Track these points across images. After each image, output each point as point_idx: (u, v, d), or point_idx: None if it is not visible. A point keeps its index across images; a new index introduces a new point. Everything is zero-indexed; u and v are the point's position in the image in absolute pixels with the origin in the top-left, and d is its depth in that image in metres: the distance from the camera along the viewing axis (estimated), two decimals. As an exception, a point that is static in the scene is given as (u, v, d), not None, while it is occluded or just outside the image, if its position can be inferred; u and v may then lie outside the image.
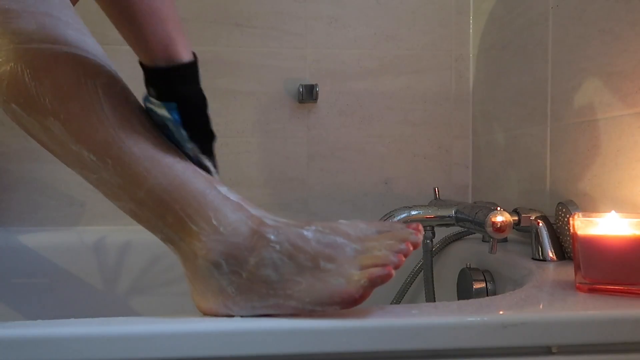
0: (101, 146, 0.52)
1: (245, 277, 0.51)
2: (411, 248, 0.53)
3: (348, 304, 0.50)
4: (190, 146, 0.56)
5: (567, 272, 0.71)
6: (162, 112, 0.55)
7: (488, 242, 0.84)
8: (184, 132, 0.56)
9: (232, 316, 0.51)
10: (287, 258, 0.51)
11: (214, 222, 0.52)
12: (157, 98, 0.55)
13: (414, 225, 0.56)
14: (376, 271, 0.50)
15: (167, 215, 0.53)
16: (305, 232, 0.53)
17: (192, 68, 0.56)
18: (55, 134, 0.53)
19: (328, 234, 0.53)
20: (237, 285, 0.51)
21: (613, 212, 0.60)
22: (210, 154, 0.58)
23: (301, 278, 0.50)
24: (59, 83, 0.53)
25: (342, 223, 0.55)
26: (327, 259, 0.51)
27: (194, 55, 0.57)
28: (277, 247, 0.52)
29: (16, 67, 0.53)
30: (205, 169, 0.57)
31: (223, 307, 0.51)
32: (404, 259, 0.51)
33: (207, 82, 1.16)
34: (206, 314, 0.53)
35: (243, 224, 0.53)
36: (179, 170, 0.54)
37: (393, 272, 0.50)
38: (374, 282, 0.49)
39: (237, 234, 0.52)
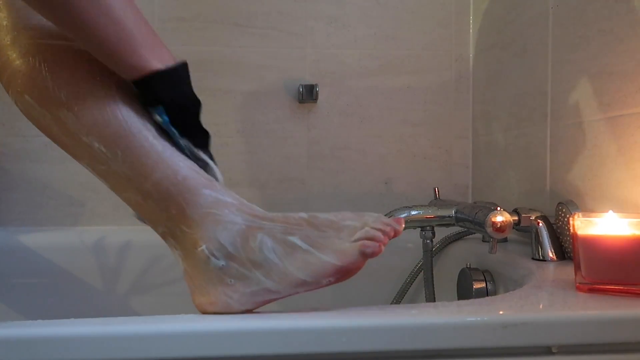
0: (113, 138, 0.55)
1: (243, 263, 0.53)
2: (398, 226, 0.56)
3: (342, 275, 0.53)
4: (183, 143, 0.59)
5: (567, 272, 0.71)
6: (154, 115, 0.58)
7: (488, 242, 0.84)
8: (174, 130, 0.58)
9: (232, 307, 0.52)
10: (281, 239, 0.54)
11: (215, 213, 0.55)
12: (144, 104, 0.58)
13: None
14: (367, 243, 0.53)
15: (171, 207, 0.55)
16: (299, 215, 0.56)
17: (170, 74, 0.57)
18: (67, 126, 0.55)
19: (319, 217, 0.57)
20: (235, 272, 0.53)
21: (612, 212, 0.60)
22: (204, 147, 0.61)
23: (296, 256, 0.53)
24: (75, 77, 0.55)
25: (330, 213, 0.59)
26: (319, 237, 0.54)
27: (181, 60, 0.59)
28: (271, 231, 0.55)
29: (34, 61, 0.55)
30: (203, 162, 0.60)
31: (223, 296, 0.53)
32: (392, 231, 0.56)
33: (208, 82, 1.17)
34: (207, 310, 0.54)
35: (239, 216, 0.56)
36: (183, 167, 0.57)
37: (382, 248, 0.54)
38: (365, 254, 0.53)
39: (235, 223, 0.55)
